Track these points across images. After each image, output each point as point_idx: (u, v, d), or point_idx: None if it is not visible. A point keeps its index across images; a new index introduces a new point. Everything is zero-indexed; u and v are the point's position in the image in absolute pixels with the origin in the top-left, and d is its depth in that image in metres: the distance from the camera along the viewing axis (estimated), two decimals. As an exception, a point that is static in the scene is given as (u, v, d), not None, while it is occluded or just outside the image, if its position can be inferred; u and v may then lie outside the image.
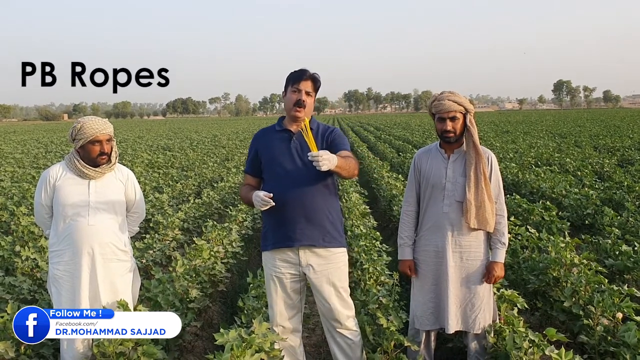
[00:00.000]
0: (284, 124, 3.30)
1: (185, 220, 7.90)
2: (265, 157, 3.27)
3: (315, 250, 3.18)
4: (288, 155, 3.19)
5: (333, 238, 3.22)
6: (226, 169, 15.37)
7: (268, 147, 3.28)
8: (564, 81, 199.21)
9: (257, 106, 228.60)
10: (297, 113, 3.18)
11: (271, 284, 3.28)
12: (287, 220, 3.16)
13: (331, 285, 3.21)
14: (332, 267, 3.21)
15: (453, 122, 3.34)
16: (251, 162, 3.37)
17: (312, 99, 3.23)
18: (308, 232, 3.15)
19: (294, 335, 3.34)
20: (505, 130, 34.42)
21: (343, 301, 3.26)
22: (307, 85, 3.18)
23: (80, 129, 3.35)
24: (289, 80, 3.23)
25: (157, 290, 4.25)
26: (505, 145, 19.97)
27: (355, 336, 3.30)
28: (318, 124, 3.31)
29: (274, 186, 3.14)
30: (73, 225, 3.34)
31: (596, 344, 3.64)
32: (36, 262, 5.35)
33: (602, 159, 14.25)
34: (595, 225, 7.35)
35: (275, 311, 3.27)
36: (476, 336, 3.43)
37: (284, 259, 3.22)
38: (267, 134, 3.37)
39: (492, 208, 3.34)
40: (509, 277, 4.95)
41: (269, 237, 3.26)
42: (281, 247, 3.20)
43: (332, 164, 2.86)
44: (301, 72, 3.21)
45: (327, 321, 3.31)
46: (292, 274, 3.23)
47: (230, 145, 26.52)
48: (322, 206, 3.18)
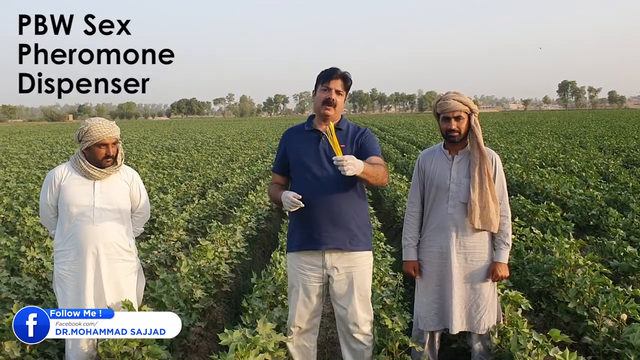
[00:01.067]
0: (313, 124, 3.26)
1: (189, 220, 7.91)
2: (293, 158, 3.24)
3: (341, 253, 3.16)
4: (316, 157, 3.15)
5: (360, 241, 3.18)
6: (230, 169, 15.40)
7: (296, 147, 3.25)
8: (569, 82, 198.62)
9: (261, 107, 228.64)
10: (327, 111, 3.14)
11: (294, 285, 3.26)
12: (312, 222, 3.12)
13: (355, 288, 3.18)
14: (357, 270, 3.19)
15: (458, 122, 3.34)
16: (280, 161, 3.34)
17: (342, 98, 3.19)
18: (334, 235, 3.12)
19: (311, 336, 3.33)
20: (510, 131, 34.35)
21: (364, 305, 3.24)
22: (337, 84, 3.14)
23: (87, 131, 3.36)
24: (319, 79, 3.19)
25: (161, 290, 4.26)
26: (509, 146, 19.93)
27: (369, 341, 3.28)
28: (348, 124, 3.26)
29: (301, 187, 3.11)
30: (78, 225, 3.36)
31: (601, 345, 3.63)
32: (41, 262, 5.38)
33: (607, 159, 14.21)
34: (600, 226, 7.33)
35: (295, 312, 3.25)
36: (480, 337, 3.43)
37: (309, 261, 3.20)
38: (296, 133, 3.33)
39: (496, 209, 3.34)
40: (513, 278, 4.94)
41: (295, 238, 3.24)
42: (307, 249, 3.18)
43: (357, 169, 2.81)
44: (331, 70, 3.16)
45: (343, 325, 3.27)
46: (316, 277, 3.20)
47: (235, 146, 26.55)
48: (349, 209, 3.14)
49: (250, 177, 12.98)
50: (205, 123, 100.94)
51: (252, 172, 13.78)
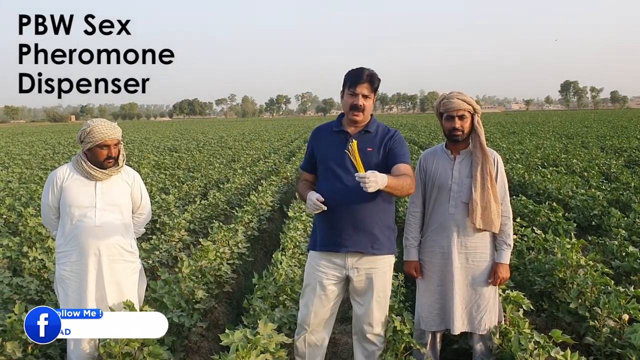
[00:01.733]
0: (342, 124, 3.24)
1: (191, 221, 7.92)
2: (319, 157, 3.24)
3: (362, 256, 3.15)
4: (341, 160, 3.12)
5: (382, 245, 3.17)
6: (232, 170, 15.39)
7: (323, 147, 3.24)
8: (571, 82, 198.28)
9: (263, 107, 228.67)
10: (355, 117, 3.12)
11: (311, 282, 3.25)
12: (335, 225, 3.12)
13: (373, 288, 3.18)
14: (377, 272, 3.18)
15: (462, 121, 3.34)
16: (308, 159, 3.34)
17: (370, 100, 3.15)
18: (356, 239, 3.11)
19: (324, 335, 3.32)
20: (512, 131, 34.31)
21: (380, 306, 3.24)
22: (364, 88, 3.10)
23: (89, 133, 3.37)
24: (346, 81, 3.15)
25: (163, 291, 4.26)
26: (511, 146, 19.90)
27: (381, 342, 3.28)
28: (377, 125, 3.22)
29: (325, 188, 3.11)
30: (80, 226, 3.36)
31: (602, 346, 3.63)
32: (43, 262, 5.39)
33: (609, 159, 14.19)
34: (602, 226, 7.32)
35: (310, 310, 3.24)
36: (482, 337, 3.43)
37: (329, 262, 3.19)
38: (324, 132, 3.32)
39: (497, 209, 3.33)
40: (514, 278, 4.94)
41: (317, 238, 3.23)
42: (328, 251, 3.18)
43: (380, 184, 2.77)
44: (358, 74, 3.11)
45: (359, 324, 3.28)
46: (336, 276, 3.20)
47: (237, 146, 26.54)
48: (373, 213, 3.12)
49: (252, 177, 12.98)
50: (207, 123, 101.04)
51: (254, 173, 13.78)
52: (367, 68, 3.15)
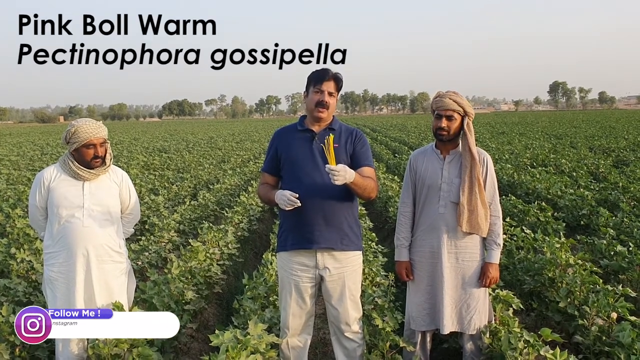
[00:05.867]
0: (305, 124, 3.26)
1: (181, 222, 7.89)
2: (285, 157, 3.23)
3: (333, 253, 3.17)
4: (309, 157, 3.16)
5: (351, 241, 3.20)
6: (222, 170, 15.36)
7: (289, 146, 3.24)
8: (560, 82, 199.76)
9: (253, 108, 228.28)
10: (319, 114, 3.15)
11: (286, 286, 3.26)
12: (305, 222, 3.12)
13: (346, 288, 3.20)
14: (348, 270, 3.20)
15: (449, 121, 3.34)
16: (270, 161, 3.32)
17: (334, 99, 3.19)
18: (327, 235, 3.13)
19: (305, 336, 3.33)
20: (501, 132, 34.47)
21: (355, 304, 3.26)
22: (329, 85, 3.14)
23: (74, 133, 3.35)
24: (311, 80, 3.18)
25: (152, 292, 4.24)
26: (501, 147, 20.00)
27: (360, 338, 3.30)
28: (340, 125, 3.27)
29: (293, 187, 3.10)
30: (68, 226, 3.33)
31: (591, 344, 3.65)
32: (31, 264, 5.34)
33: (598, 159, 14.29)
34: (591, 225, 7.37)
35: (288, 313, 3.25)
36: (472, 337, 3.43)
37: (300, 262, 3.19)
38: (288, 133, 3.32)
39: (485, 213, 3.33)
40: (504, 277, 4.96)
41: (287, 238, 3.23)
42: (299, 248, 3.18)
43: (347, 179, 2.88)
44: (323, 72, 3.16)
45: (335, 325, 3.29)
46: (308, 277, 3.20)
47: (227, 147, 26.49)
48: (341, 209, 3.16)
49: (242, 178, 12.95)
50: (197, 124, 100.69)
51: (244, 173, 13.76)
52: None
